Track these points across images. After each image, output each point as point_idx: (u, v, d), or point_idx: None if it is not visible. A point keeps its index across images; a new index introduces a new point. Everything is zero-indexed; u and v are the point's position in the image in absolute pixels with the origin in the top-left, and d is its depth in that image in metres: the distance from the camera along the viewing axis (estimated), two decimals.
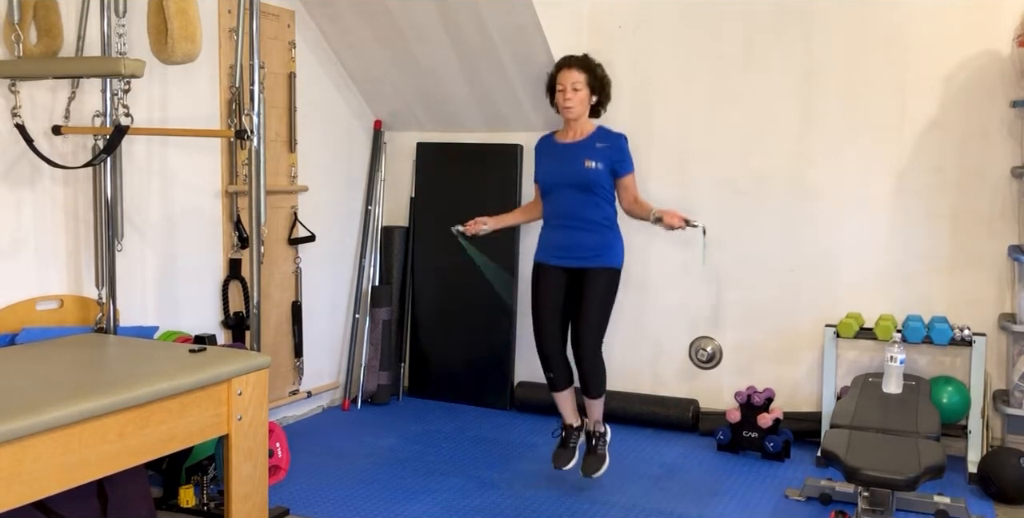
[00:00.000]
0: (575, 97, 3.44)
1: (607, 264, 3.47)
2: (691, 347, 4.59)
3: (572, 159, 3.46)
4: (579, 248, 3.47)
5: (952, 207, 4.07)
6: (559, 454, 3.58)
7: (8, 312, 3.02)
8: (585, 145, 3.49)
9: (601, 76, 3.53)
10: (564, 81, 3.45)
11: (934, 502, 3.38)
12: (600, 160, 3.43)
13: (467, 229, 3.61)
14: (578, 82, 3.44)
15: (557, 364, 3.52)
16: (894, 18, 4.09)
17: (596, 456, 3.56)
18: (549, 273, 3.54)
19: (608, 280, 3.47)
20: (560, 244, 3.52)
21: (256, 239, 3.03)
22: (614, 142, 3.49)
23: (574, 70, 3.46)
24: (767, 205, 4.37)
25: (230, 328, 4.00)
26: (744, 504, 3.51)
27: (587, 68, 3.48)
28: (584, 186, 3.43)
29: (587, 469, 3.51)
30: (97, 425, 2.30)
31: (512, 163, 4.78)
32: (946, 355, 4.09)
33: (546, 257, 3.56)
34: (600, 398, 3.55)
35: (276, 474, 3.60)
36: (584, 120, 3.52)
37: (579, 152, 3.47)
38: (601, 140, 3.49)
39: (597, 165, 3.42)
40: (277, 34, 4.25)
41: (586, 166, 3.42)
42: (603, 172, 3.44)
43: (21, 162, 3.07)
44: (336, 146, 4.76)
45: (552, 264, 3.54)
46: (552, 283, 3.52)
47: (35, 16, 2.99)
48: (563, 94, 3.45)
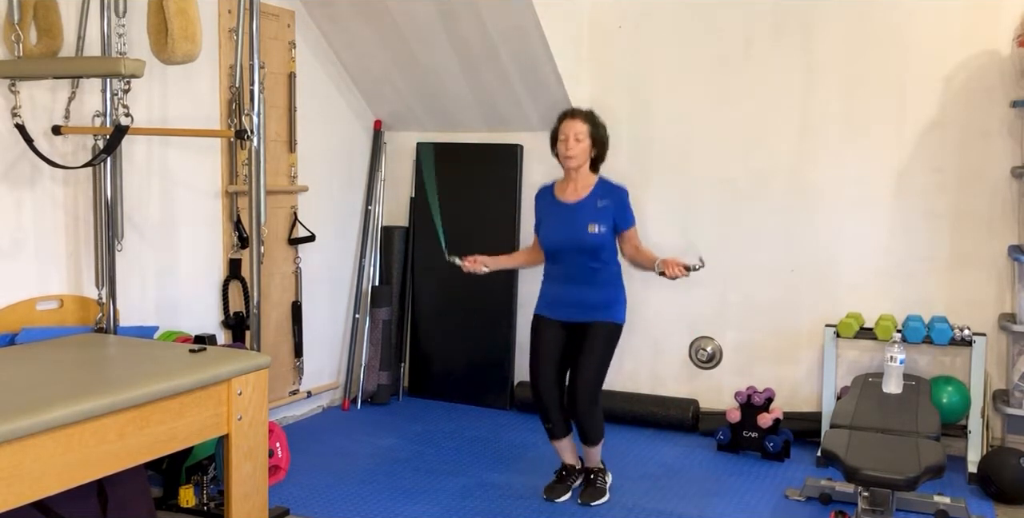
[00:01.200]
0: (577, 147, 3.44)
1: (609, 319, 3.48)
2: (691, 347, 4.59)
3: (574, 223, 3.45)
4: (581, 304, 3.48)
5: (952, 207, 4.07)
6: (553, 488, 3.57)
7: (8, 312, 3.02)
8: (587, 206, 3.47)
9: (603, 133, 3.54)
10: (567, 131, 3.47)
11: (934, 502, 3.38)
12: (603, 222, 3.43)
13: (465, 265, 3.58)
14: (580, 133, 3.45)
15: (555, 415, 3.53)
16: (894, 18, 4.09)
17: (595, 488, 3.54)
18: (549, 325, 3.54)
19: (608, 334, 3.47)
20: (562, 300, 3.52)
21: (256, 239, 3.03)
22: (615, 198, 3.48)
23: (578, 121, 3.47)
24: (767, 205, 4.37)
25: (230, 328, 4.00)
26: (744, 504, 3.51)
27: (591, 121, 3.50)
28: (587, 251, 3.44)
29: (586, 498, 3.51)
30: (97, 425, 2.30)
31: (512, 163, 4.78)
32: (946, 355, 4.09)
33: (546, 311, 3.56)
34: (598, 445, 3.56)
35: (276, 474, 3.60)
36: (585, 172, 3.52)
37: (581, 215, 3.45)
38: (602, 197, 3.47)
39: (600, 229, 3.42)
40: (277, 34, 4.26)
41: (589, 231, 3.42)
42: (606, 234, 3.44)
43: (21, 162, 3.07)
44: (336, 146, 4.76)
45: (552, 318, 3.54)
46: (551, 336, 3.53)
47: (35, 16, 2.99)
48: (565, 144, 3.46)
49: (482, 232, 4.80)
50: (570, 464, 3.63)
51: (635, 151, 4.57)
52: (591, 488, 3.54)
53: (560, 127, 3.50)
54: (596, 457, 3.59)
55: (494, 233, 4.77)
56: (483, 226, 4.81)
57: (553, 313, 3.54)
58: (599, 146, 3.52)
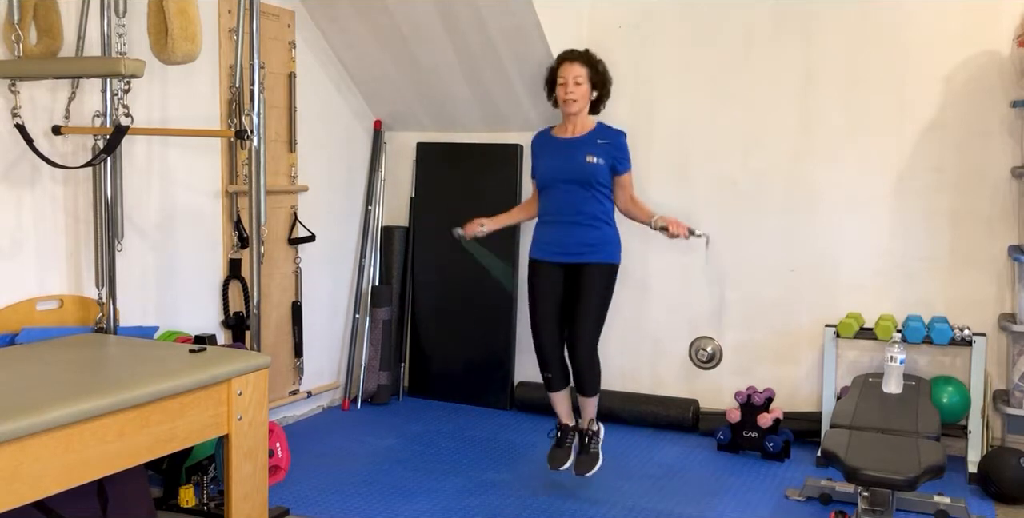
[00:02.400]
0: (577, 91, 3.41)
1: (604, 260, 3.44)
2: (691, 347, 4.59)
3: (573, 154, 3.43)
4: (576, 244, 3.44)
5: (952, 207, 4.07)
6: (554, 454, 3.57)
7: (8, 312, 3.02)
8: (586, 141, 3.46)
9: (603, 72, 3.51)
10: (566, 75, 3.42)
11: (934, 502, 3.38)
12: (601, 156, 3.41)
13: (465, 231, 3.58)
14: (580, 76, 3.42)
15: (555, 364, 3.50)
16: (894, 18, 4.09)
17: (589, 455, 3.55)
18: (545, 270, 3.50)
19: (606, 276, 3.44)
20: (556, 240, 3.48)
21: (256, 239, 3.03)
22: (614, 139, 3.47)
23: (576, 64, 3.43)
24: (767, 205, 4.37)
25: (230, 328, 4.00)
26: (744, 504, 3.51)
27: (589, 63, 3.46)
28: (584, 181, 3.40)
29: (580, 468, 3.51)
30: (97, 425, 2.30)
31: (512, 163, 4.78)
32: (946, 355, 4.09)
33: (542, 253, 3.52)
34: (595, 397, 3.54)
35: (276, 474, 3.60)
36: (584, 115, 3.50)
37: (580, 147, 3.44)
38: (602, 136, 3.46)
39: (598, 161, 3.39)
40: (277, 34, 4.26)
41: (587, 161, 3.39)
42: (604, 168, 3.42)
43: (21, 162, 3.07)
44: (336, 146, 4.76)
45: (548, 260, 3.50)
46: (549, 281, 3.49)
47: (35, 16, 2.99)
48: (564, 87, 3.43)
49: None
50: (565, 423, 3.61)
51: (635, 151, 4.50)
52: (584, 456, 3.52)
53: (558, 70, 3.45)
54: (592, 411, 3.56)
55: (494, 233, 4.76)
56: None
57: (548, 255, 3.49)
58: (599, 87, 3.48)
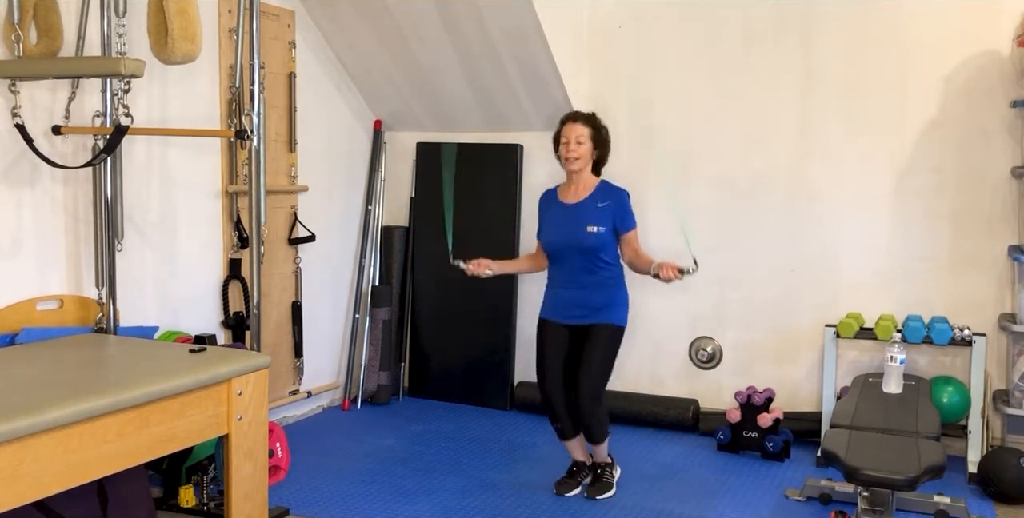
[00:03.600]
0: (579, 150, 3.48)
1: (610, 321, 3.51)
2: (691, 347, 4.59)
3: (575, 223, 3.49)
4: (583, 306, 3.51)
5: (952, 207, 4.07)
6: (563, 483, 3.62)
7: (8, 312, 3.02)
8: (587, 207, 3.51)
9: (605, 136, 3.59)
10: (569, 134, 3.50)
11: (934, 502, 3.38)
12: (602, 223, 3.46)
13: (468, 269, 3.59)
14: (582, 136, 3.49)
15: (563, 415, 3.57)
16: (894, 18, 4.09)
17: (602, 483, 3.60)
18: (553, 328, 3.58)
19: (610, 335, 3.51)
20: (565, 303, 3.55)
21: (256, 239, 3.03)
22: (615, 199, 3.51)
23: (579, 124, 3.52)
24: (767, 205, 4.37)
25: (230, 328, 4.00)
26: (744, 504, 3.51)
27: (592, 124, 3.54)
28: (587, 251, 3.47)
29: (592, 492, 3.57)
30: (97, 425, 2.30)
31: (512, 163, 4.78)
32: (946, 355, 4.09)
33: (550, 314, 3.60)
34: (603, 443, 3.60)
35: (276, 474, 3.60)
36: (586, 175, 3.56)
37: (581, 216, 3.49)
38: (603, 198, 3.51)
39: (599, 229, 3.46)
40: (277, 34, 4.25)
41: (588, 232, 3.45)
42: (606, 234, 3.47)
43: (21, 162, 3.07)
44: (336, 146, 4.76)
45: (556, 321, 3.58)
46: (556, 339, 3.57)
47: (35, 16, 2.99)
48: (567, 146, 3.50)
49: (482, 232, 4.80)
50: (580, 460, 3.68)
51: (635, 151, 4.57)
52: (598, 482, 3.59)
53: (562, 130, 3.55)
54: (603, 453, 3.63)
55: (494, 233, 4.78)
56: (483, 226, 4.81)
57: (556, 316, 3.57)
58: (601, 148, 3.56)
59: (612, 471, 3.65)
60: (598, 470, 3.64)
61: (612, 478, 3.62)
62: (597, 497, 3.52)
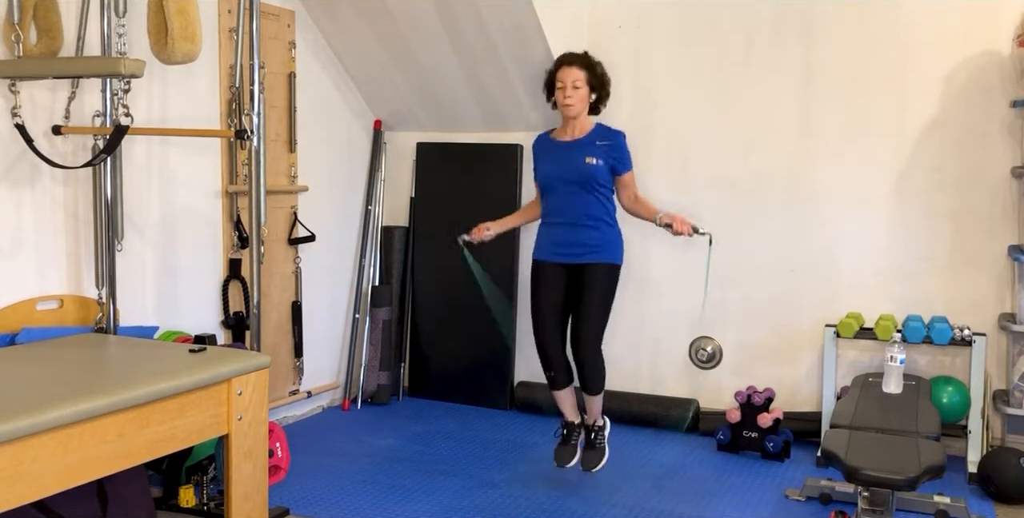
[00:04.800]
0: (575, 95, 3.43)
1: (607, 260, 3.46)
2: (691, 347, 4.59)
3: (572, 156, 3.45)
4: (578, 244, 3.46)
5: (952, 207, 4.07)
6: (561, 451, 3.58)
7: (8, 312, 3.02)
8: (585, 143, 3.48)
9: (601, 74, 3.53)
10: (564, 79, 3.44)
11: (934, 502, 3.38)
12: (600, 157, 3.43)
13: (472, 237, 3.57)
14: (578, 80, 3.43)
15: (558, 363, 3.51)
16: (894, 18, 4.09)
17: (595, 450, 3.57)
18: (548, 271, 3.52)
19: (608, 276, 3.46)
20: (559, 241, 3.50)
21: (256, 239, 3.03)
22: (613, 140, 3.49)
23: (574, 67, 3.45)
24: (767, 205, 4.37)
25: (230, 328, 4.00)
26: (744, 504, 3.51)
27: (587, 66, 3.48)
28: (584, 183, 3.42)
29: (586, 464, 3.53)
30: (97, 425, 2.30)
31: (512, 163, 4.78)
32: (946, 355, 4.09)
33: (545, 254, 3.54)
34: (599, 395, 3.56)
35: (276, 474, 3.60)
36: (583, 118, 3.52)
37: (579, 149, 3.46)
38: (601, 138, 3.48)
39: (598, 161, 3.41)
40: (277, 34, 4.25)
41: (586, 162, 3.41)
42: (603, 169, 3.44)
43: (21, 162, 3.07)
44: (336, 146, 4.76)
45: (551, 261, 3.52)
46: (551, 281, 3.51)
47: (35, 16, 2.99)
48: (563, 92, 3.44)
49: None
50: (571, 421, 3.62)
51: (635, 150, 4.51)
52: (591, 450, 3.54)
53: (556, 74, 3.47)
54: (597, 408, 3.57)
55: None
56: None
57: (550, 256, 3.51)
58: (598, 89, 3.50)
59: (604, 433, 3.59)
60: (591, 434, 3.57)
61: (604, 442, 3.57)
62: (593, 470, 3.48)
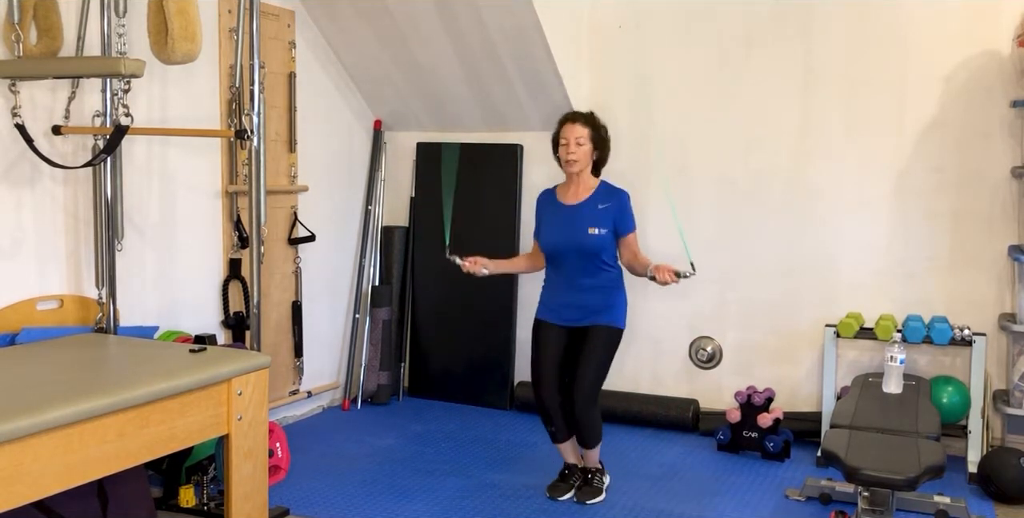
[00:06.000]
0: (578, 151, 3.45)
1: (609, 323, 3.48)
2: (691, 347, 4.59)
3: (574, 224, 3.46)
4: (581, 308, 3.49)
5: (952, 207, 4.07)
6: (556, 486, 3.60)
7: (8, 312, 3.02)
8: (587, 207, 3.47)
9: (604, 136, 3.55)
10: (568, 135, 3.47)
11: (934, 502, 3.38)
12: (603, 225, 3.43)
13: (464, 265, 3.57)
14: (582, 137, 3.46)
15: (558, 418, 3.54)
16: (894, 18, 4.09)
17: (592, 488, 3.57)
18: (549, 330, 3.55)
19: (608, 338, 3.48)
20: (562, 304, 3.53)
21: (256, 239, 3.03)
22: (616, 201, 3.48)
23: (578, 125, 3.48)
24: (767, 205, 4.38)
25: (230, 328, 4.00)
26: (744, 504, 3.51)
27: (592, 124, 3.50)
28: (587, 253, 3.44)
29: (581, 496, 3.54)
30: (97, 425, 2.30)
31: (512, 163, 4.78)
32: (946, 355, 4.09)
33: (548, 316, 3.57)
34: (595, 447, 3.58)
35: (276, 474, 3.60)
36: (586, 175, 3.53)
37: (582, 217, 3.46)
38: (603, 200, 3.47)
39: (600, 231, 3.43)
40: (277, 34, 4.26)
41: (589, 233, 3.42)
42: (606, 237, 3.44)
43: (21, 162, 3.07)
44: (336, 146, 4.76)
45: (554, 323, 3.55)
46: (552, 339, 3.54)
47: (35, 16, 2.99)
48: (567, 148, 3.46)
49: (482, 232, 4.80)
50: (572, 463, 3.65)
51: (635, 151, 4.57)
52: (587, 487, 3.57)
53: (561, 131, 3.51)
54: (594, 458, 3.61)
55: (494, 233, 4.78)
56: (483, 226, 4.81)
57: (553, 318, 3.55)
58: (600, 149, 3.52)
59: (602, 477, 3.61)
60: (588, 475, 3.60)
61: (602, 484, 3.59)
62: (587, 502, 3.50)
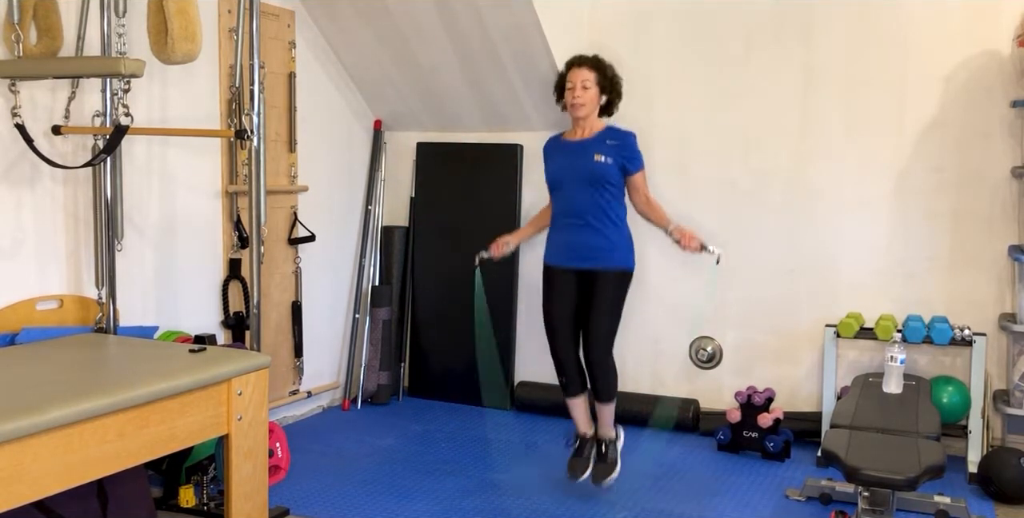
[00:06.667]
0: (584, 95, 3.42)
1: (618, 266, 3.45)
2: (691, 347, 4.59)
3: (581, 154, 3.43)
4: (589, 249, 3.44)
5: (952, 207, 4.07)
6: (574, 463, 3.55)
7: (8, 312, 3.02)
8: (595, 141, 3.47)
9: (612, 75, 3.51)
10: (574, 79, 3.44)
11: (934, 502, 3.38)
12: (610, 155, 3.41)
13: (493, 253, 3.55)
14: (588, 80, 3.43)
15: (571, 369, 3.50)
16: (894, 18, 4.09)
17: (607, 463, 3.53)
18: (559, 276, 3.51)
19: (619, 281, 3.45)
20: (569, 244, 3.48)
21: (256, 239, 3.03)
22: (623, 139, 3.47)
23: (584, 68, 3.45)
24: (767, 205, 4.37)
25: (230, 328, 4.00)
26: (744, 504, 3.51)
27: (597, 67, 3.47)
28: (594, 180, 3.40)
29: (597, 477, 3.50)
30: (97, 425, 2.30)
31: (512, 163, 4.78)
32: (946, 355, 4.09)
33: (555, 258, 3.53)
34: (611, 402, 3.53)
35: (276, 474, 3.60)
36: (593, 119, 3.50)
37: (588, 147, 3.44)
38: (611, 137, 3.46)
39: (607, 159, 3.39)
40: (277, 34, 4.25)
41: (595, 160, 3.39)
42: (613, 167, 3.41)
43: (21, 162, 3.07)
44: (336, 146, 4.76)
45: (561, 266, 3.51)
46: (563, 287, 3.50)
47: (35, 16, 2.99)
48: (572, 92, 3.44)
49: (482, 232, 4.78)
50: (583, 432, 3.59)
51: None
52: (602, 464, 3.51)
53: (567, 75, 3.47)
54: (609, 418, 3.54)
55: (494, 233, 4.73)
56: (483, 226, 4.80)
57: (562, 261, 3.50)
58: (608, 91, 3.49)
59: (616, 445, 3.56)
60: (603, 446, 3.55)
61: (617, 454, 3.53)
62: (604, 483, 3.45)
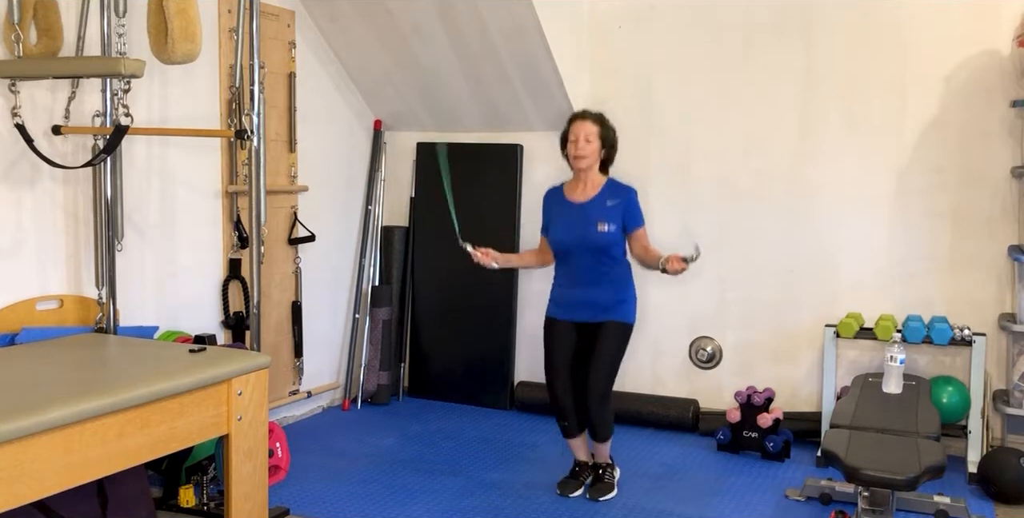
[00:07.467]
0: (587, 148, 3.48)
1: (619, 319, 3.51)
2: (691, 347, 4.59)
3: (584, 222, 3.48)
4: (591, 305, 3.51)
5: (952, 207, 4.07)
6: (566, 483, 3.63)
7: (8, 312, 3.02)
8: (596, 205, 3.50)
9: (612, 135, 3.58)
10: (578, 132, 3.50)
11: (934, 502, 3.38)
12: (612, 221, 3.46)
13: (476, 255, 3.58)
14: (591, 134, 3.49)
15: (571, 414, 3.58)
16: (894, 18, 4.09)
17: (604, 483, 3.61)
18: (561, 327, 3.58)
19: (619, 335, 3.51)
20: (573, 301, 3.55)
21: (256, 239, 3.03)
22: (624, 198, 3.51)
23: (588, 122, 3.51)
24: (767, 205, 4.38)
25: (230, 328, 4.00)
26: (744, 504, 3.51)
27: (601, 122, 3.54)
28: (597, 250, 3.47)
29: (594, 494, 3.57)
30: (97, 425, 2.30)
31: (512, 163, 4.78)
32: (946, 355, 4.09)
33: (558, 313, 3.60)
34: (607, 442, 3.62)
35: (276, 474, 3.60)
36: (594, 173, 3.55)
37: (591, 214, 3.49)
38: (611, 197, 3.51)
39: (609, 228, 3.45)
40: (277, 34, 4.26)
41: (599, 230, 3.45)
42: (615, 233, 3.47)
43: (21, 162, 3.07)
44: (336, 146, 4.76)
45: (564, 319, 3.57)
46: (564, 336, 3.57)
47: (35, 16, 2.99)
48: (575, 144, 3.49)
49: (482, 232, 4.78)
50: (582, 460, 3.69)
51: (635, 151, 4.56)
52: (599, 483, 3.60)
53: (570, 128, 3.54)
54: (605, 453, 3.64)
55: (494, 233, 4.77)
56: (483, 226, 4.80)
57: (564, 314, 3.58)
58: (608, 147, 3.56)
59: (613, 472, 3.66)
60: (599, 470, 3.64)
61: (613, 479, 3.63)
62: (599, 499, 3.53)
